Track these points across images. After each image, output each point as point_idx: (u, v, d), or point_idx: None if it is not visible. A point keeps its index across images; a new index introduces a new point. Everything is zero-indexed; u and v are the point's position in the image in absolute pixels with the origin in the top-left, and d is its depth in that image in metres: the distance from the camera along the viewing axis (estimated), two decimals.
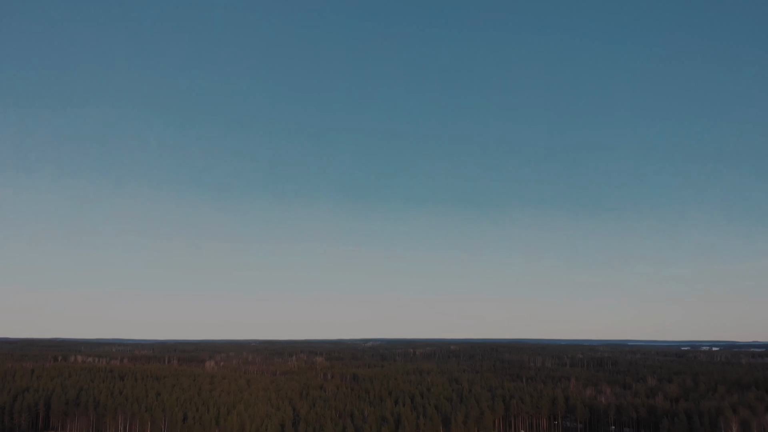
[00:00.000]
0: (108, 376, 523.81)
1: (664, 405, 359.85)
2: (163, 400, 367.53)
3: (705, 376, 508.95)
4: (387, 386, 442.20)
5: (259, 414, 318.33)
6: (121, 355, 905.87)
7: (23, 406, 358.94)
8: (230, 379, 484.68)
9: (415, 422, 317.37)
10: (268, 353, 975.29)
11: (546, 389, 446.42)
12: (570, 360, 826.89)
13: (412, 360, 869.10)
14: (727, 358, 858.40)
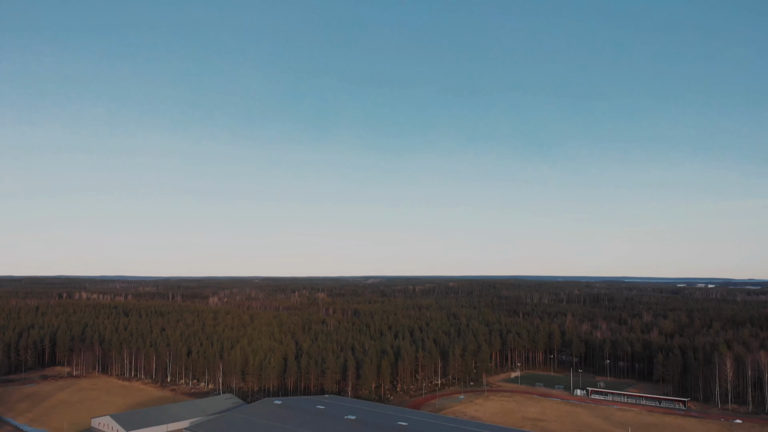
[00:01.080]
0: (112, 312, 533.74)
1: (659, 340, 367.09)
2: (168, 335, 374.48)
3: (700, 312, 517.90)
4: (387, 321, 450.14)
5: (262, 348, 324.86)
6: (125, 291, 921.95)
7: (29, 343, 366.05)
8: (233, 315, 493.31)
9: (414, 355, 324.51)
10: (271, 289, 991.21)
11: (542, 324, 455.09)
12: (567, 296, 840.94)
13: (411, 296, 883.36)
14: (722, 295, 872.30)
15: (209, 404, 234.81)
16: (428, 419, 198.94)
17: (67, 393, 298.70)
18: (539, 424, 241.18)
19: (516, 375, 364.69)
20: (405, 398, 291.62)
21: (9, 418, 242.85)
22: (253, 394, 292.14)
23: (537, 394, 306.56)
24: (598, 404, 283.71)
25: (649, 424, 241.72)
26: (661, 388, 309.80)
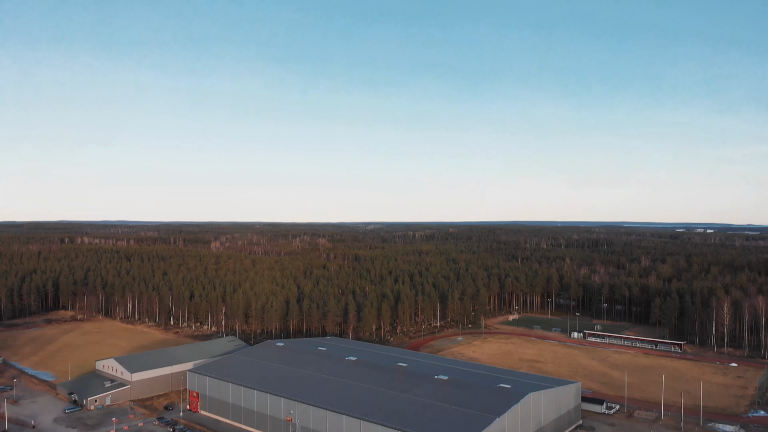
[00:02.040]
0: (114, 257, 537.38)
1: (657, 284, 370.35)
2: (170, 279, 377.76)
3: (698, 257, 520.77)
4: (387, 266, 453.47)
5: (264, 292, 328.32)
6: (126, 236, 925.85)
7: (31, 288, 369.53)
8: (235, 260, 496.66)
9: (413, 299, 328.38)
10: (272, 235, 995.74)
11: (541, 269, 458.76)
12: (566, 241, 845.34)
13: (411, 242, 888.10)
14: (721, 240, 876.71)
15: (212, 346, 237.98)
16: (427, 360, 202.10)
17: (72, 336, 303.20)
18: (536, 365, 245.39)
19: (514, 318, 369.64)
20: (404, 340, 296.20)
21: (14, 362, 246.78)
22: (256, 337, 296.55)
23: (534, 337, 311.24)
24: (594, 347, 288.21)
25: (644, 366, 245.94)
26: (657, 332, 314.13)
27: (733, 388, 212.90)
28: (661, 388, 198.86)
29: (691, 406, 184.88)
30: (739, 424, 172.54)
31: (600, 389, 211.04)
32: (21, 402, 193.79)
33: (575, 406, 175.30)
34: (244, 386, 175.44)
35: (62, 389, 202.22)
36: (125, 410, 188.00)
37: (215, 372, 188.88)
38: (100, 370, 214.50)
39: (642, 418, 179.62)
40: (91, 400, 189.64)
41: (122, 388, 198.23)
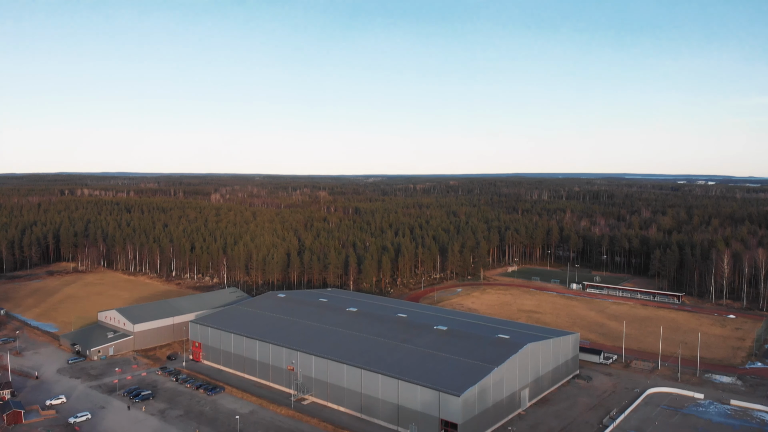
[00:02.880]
0: (114, 208, 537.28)
1: (657, 236, 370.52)
2: (171, 231, 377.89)
3: (699, 209, 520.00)
4: (387, 219, 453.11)
5: (265, 244, 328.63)
6: (126, 188, 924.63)
7: (32, 240, 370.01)
8: (236, 212, 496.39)
9: (413, 251, 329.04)
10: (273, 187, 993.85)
11: (541, 221, 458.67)
12: (566, 193, 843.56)
13: (412, 195, 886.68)
14: (722, 192, 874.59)
15: (214, 297, 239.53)
16: (426, 311, 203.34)
17: (74, 288, 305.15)
18: (534, 315, 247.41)
19: (513, 269, 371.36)
20: (404, 291, 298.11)
21: (17, 314, 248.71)
22: (258, 288, 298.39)
23: (533, 288, 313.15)
24: (593, 298, 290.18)
25: (642, 317, 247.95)
26: (656, 283, 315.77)
27: (731, 339, 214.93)
28: (659, 338, 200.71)
29: (688, 357, 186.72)
30: (736, 375, 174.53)
31: (598, 340, 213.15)
32: (24, 353, 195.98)
33: (573, 356, 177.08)
34: (247, 336, 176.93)
35: (65, 340, 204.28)
36: (128, 360, 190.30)
37: (217, 323, 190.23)
38: (102, 322, 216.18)
39: (639, 368, 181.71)
40: (94, 351, 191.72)
41: (125, 338, 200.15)
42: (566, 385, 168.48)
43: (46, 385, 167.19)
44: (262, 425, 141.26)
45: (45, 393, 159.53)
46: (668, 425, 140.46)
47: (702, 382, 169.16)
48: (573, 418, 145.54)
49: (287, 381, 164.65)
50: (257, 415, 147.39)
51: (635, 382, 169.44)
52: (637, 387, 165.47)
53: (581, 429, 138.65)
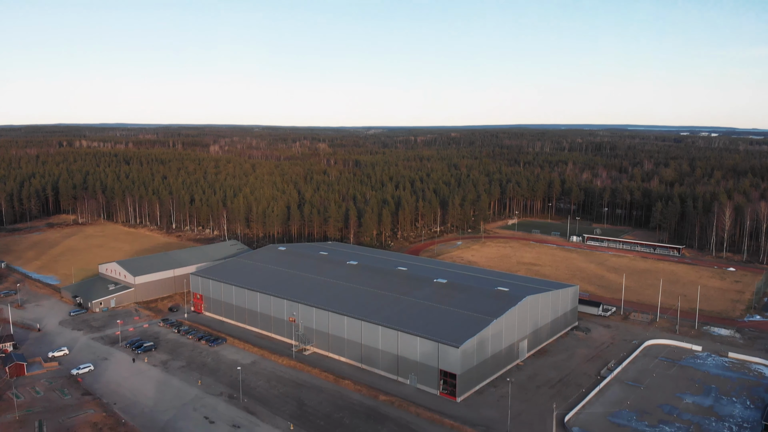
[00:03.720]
0: (113, 160, 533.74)
1: (659, 189, 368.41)
2: (170, 183, 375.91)
3: (702, 161, 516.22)
4: (388, 172, 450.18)
5: (265, 197, 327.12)
6: (125, 139, 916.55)
7: (31, 192, 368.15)
8: (235, 164, 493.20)
9: (414, 205, 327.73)
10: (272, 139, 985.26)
11: (543, 173, 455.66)
12: (569, 145, 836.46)
13: (413, 147, 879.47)
14: (725, 145, 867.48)
15: (215, 250, 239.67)
16: (426, 264, 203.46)
17: (74, 240, 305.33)
18: (533, 268, 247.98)
19: (513, 222, 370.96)
20: (405, 245, 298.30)
21: (18, 266, 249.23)
22: (258, 241, 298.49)
23: (533, 241, 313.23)
24: (593, 250, 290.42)
25: (642, 270, 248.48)
26: (657, 236, 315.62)
27: (730, 292, 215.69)
28: (658, 291, 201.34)
29: (687, 310, 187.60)
30: (735, 328, 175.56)
31: (597, 292, 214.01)
32: (26, 306, 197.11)
33: (572, 308, 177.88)
34: (248, 289, 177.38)
35: (66, 292, 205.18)
36: (130, 312, 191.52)
37: (218, 275, 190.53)
38: (103, 274, 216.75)
39: (637, 320, 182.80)
40: (96, 303, 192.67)
41: (126, 290, 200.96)
42: (565, 337, 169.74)
43: (48, 337, 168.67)
44: (264, 375, 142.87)
45: (47, 345, 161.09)
46: (666, 377, 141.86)
47: (700, 335, 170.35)
48: (571, 369, 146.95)
49: (289, 332, 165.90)
50: (259, 366, 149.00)
51: (633, 334, 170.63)
52: (636, 339, 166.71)
53: (579, 380, 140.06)
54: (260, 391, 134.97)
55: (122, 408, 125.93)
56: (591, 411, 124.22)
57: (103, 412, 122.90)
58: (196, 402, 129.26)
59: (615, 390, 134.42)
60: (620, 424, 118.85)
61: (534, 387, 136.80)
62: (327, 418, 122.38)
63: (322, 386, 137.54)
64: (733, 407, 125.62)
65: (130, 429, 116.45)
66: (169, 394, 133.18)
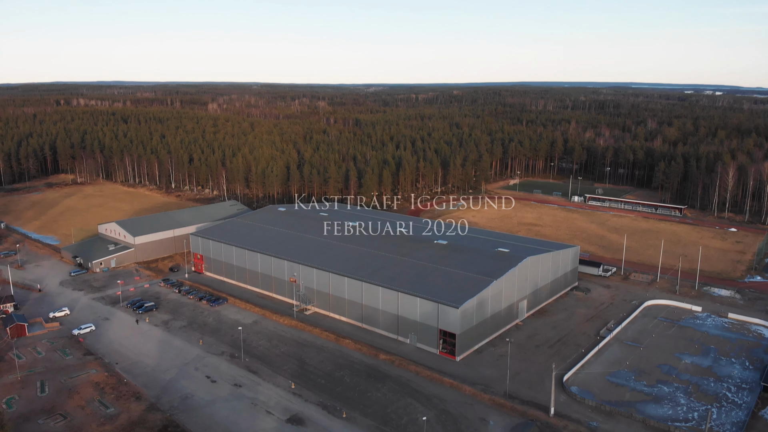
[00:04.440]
0: (111, 119, 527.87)
1: (662, 148, 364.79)
2: (168, 142, 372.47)
3: (706, 120, 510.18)
4: (389, 131, 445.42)
5: (264, 156, 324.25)
6: (123, 97, 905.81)
7: (29, 152, 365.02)
8: (234, 122, 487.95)
9: (415, 165, 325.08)
10: (271, 97, 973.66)
11: (545, 132, 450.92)
12: (572, 103, 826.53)
13: (414, 105, 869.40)
14: (729, 103, 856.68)
15: (214, 210, 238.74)
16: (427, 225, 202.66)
17: (73, 200, 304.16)
18: (534, 228, 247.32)
19: (515, 182, 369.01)
20: (405, 206, 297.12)
21: (17, 227, 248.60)
22: (258, 201, 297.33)
23: (534, 201, 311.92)
24: (594, 210, 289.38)
25: (643, 230, 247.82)
26: (659, 196, 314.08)
27: (731, 253, 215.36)
28: (659, 251, 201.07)
29: (687, 270, 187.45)
30: (735, 288, 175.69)
31: (597, 252, 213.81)
32: (26, 266, 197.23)
33: (572, 268, 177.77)
34: (249, 249, 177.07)
35: (67, 253, 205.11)
36: (130, 272, 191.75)
37: (218, 235, 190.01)
38: (102, 234, 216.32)
39: (638, 281, 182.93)
40: (96, 263, 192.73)
41: (126, 251, 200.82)
42: (564, 297, 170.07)
43: (48, 297, 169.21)
44: (265, 335, 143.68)
45: (48, 306, 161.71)
46: (665, 337, 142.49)
47: (700, 295, 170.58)
48: (570, 329, 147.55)
49: (289, 292, 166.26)
50: (260, 325, 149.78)
51: (633, 295, 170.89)
52: (635, 299, 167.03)
53: (578, 340, 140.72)
54: (261, 350, 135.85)
55: (124, 368, 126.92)
56: (590, 371, 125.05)
57: (105, 372, 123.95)
58: (198, 361, 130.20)
59: (614, 350, 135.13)
60: (619, 383, 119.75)
61: (533, 346, 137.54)
62: (328, 376, 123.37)
63: (323, 345, 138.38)
64: (732, 368, 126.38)
65: (132, 389, 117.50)
66: (170, 353, 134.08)
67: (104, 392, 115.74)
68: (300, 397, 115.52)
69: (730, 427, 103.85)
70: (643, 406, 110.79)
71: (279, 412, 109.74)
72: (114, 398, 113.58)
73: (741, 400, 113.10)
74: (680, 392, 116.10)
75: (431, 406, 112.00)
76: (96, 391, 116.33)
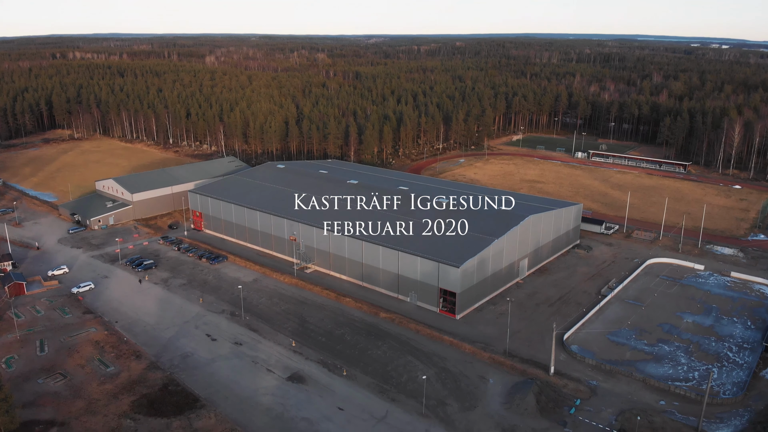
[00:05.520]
0: (107, 72, 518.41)
1: (668, 103, 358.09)
2: (165, 96, 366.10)
3: (712, 74, 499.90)
4: (390, 85, 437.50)
5: (262, 111, 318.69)
6: (119, 50, 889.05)
7: (24, 107, 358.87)
8: (231, 75, 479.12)
9: (416, 120, 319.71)
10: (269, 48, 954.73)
11: (550, 86, 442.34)
12: (577, 56, 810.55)
13: (416, 57, 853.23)
14: (735, 57, 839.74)
15: (212, 167, 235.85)
16: (428, 183, 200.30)
17: (71, 156, 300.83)
18: (537, 185, 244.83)
19: (518, 138, 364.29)
20: (406, 162, 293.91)
21: (14, 183, 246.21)
22: (257, 157, 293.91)
23: (537, 157, 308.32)
24: (598, 167, 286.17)
25: (647, 187, 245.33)
26: (663, 152, 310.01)
27: (735, 210, 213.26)
28: (662, 209, 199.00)
29: (691, 228, 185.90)
30: (739, 247, 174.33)
31: (600, 209, 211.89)
32: (24, 224, 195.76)
33: (575, 226, 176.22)
34: (248, 207, 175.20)
35: (64, 210, 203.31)
36: (129, 230, 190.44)
37: (217, 192, 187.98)
38: (100, 191, 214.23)
39: (640, 239, 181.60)
40: (94, 221, 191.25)
41: (124, 208, 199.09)
42: (566, 255, 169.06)
43: (47, 255, 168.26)
44: (266, 293, 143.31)
45: (46, 264, 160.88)
46: (667, 296, 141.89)
47: (703, 254, 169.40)
48: (571, 287, 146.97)
49: (290, 250, 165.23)
50: (260, 284, 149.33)
51: (635, 253, 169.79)
52: (638, 257, 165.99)
53: (579, 298, 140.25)
54: (262, 308, 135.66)
55: (124, 326, 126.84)
56: (590, 329, 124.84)
57: (104, 331, 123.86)
58: (198, 320, 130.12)
59: (615, 308, 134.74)
60: (619, 342, 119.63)
61: (533, 305, 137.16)
62: (328, 334, 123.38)
63: (324, 304, 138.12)
64: (734, 327, 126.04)
65: (132, 347, 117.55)
66: (170, 312, 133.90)
67: (104, 351, 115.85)
68: (300, 355, 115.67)
69: (731, 387, 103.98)
70: (643, 366, 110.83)
71: (279, 370, 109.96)
72: (114, 357, 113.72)
73: (742, 360, 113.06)
74: (681, 352, 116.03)
75: (431, 364, 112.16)
76: (96, 349, 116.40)
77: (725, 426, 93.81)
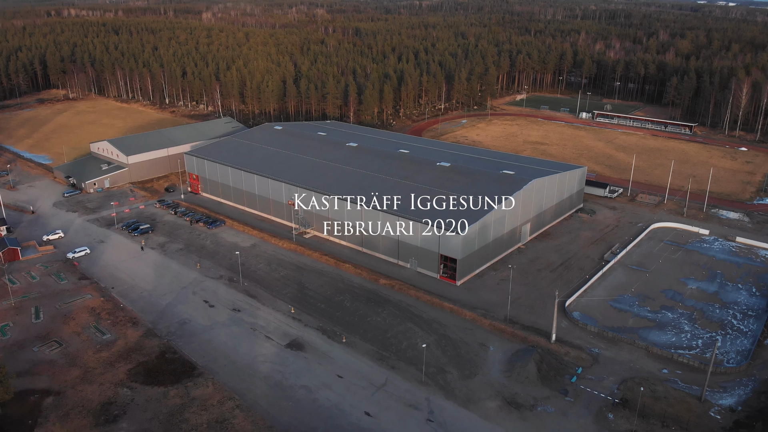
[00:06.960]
0: (101, 30, 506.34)
1: (675, 62, 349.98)
2: (160, 54, 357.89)
3: (719, 33, 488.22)
4: (390, 42, 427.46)
5: (259, 69, 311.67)
6: (114, 6, 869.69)
7: (18, 67, 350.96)
8: (228, 33, 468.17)
9: (418, 79, 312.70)
10: (267, 4, 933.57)
11: (554, 44, 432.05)
12: (582, 12, 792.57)
13: (417, 13, 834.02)
14: (743, 15, 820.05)
15: (209, 128, 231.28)
16: (429, 145, 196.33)
17: (66, 117, 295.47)
18: (540, 147, 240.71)
19: (521, 98, 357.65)
20: (407, 123, 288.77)
21: (9, 145, 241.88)
22: (254, 118, 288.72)
23: (541, 118, 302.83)
24: (602, 128, 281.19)
25: (652, 149, 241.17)
26: (669, 113, 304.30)
27: (741, 173, 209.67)
28: (668, 171, 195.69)
29: (696, 191, 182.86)
30: (744, 211, 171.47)
31: (604, 172, 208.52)
32: (18, 187, 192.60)
33: (578, 190, 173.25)
34: (245, 170, 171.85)
35: (59, 173, 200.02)
36: (125, 193, 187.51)
37: (214, 155, 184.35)
38: (95, 153, 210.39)
39: (644, 202, 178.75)
40: (90, 184, 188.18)
41: (120, 170, 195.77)
42: (569, 219, 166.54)
43: (42, 219, 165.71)
44: (264, 258, 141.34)
45: (41, 228, 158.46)
46: (671, 261, 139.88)
47: (708, 218, 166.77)
48: (573, 252, 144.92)
49: (288, 215, 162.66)
50: (259, 249, 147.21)
51: (640, 217, 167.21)
52: (642, 222, 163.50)
53: (582, 264, 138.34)
54: (260, 274, 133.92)
55: (120, 292, 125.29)
56: (593, 296, 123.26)
57: (100, 297, 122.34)
58: (196, 285, 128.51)
59: (618, 274, 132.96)
60: (622, 309, 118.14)
61: (535, 270, 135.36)
62: (328, 301, 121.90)
63: (323, 269, 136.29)
64: (738, 294, 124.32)
65: (129, 313, 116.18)
66: (167, 277, 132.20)
67: (100, 318, 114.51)
68: (299, 321, 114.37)
69: (735, 356, 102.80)
70: (646, 333, 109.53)
71: (278, 337, 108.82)
72: (110, 324, 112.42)
73: (747, 327, 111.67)
74: (684, 319, 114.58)
75: (431, 330, 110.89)
76: (92, 316, 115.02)
77: (729, 395, 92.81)
